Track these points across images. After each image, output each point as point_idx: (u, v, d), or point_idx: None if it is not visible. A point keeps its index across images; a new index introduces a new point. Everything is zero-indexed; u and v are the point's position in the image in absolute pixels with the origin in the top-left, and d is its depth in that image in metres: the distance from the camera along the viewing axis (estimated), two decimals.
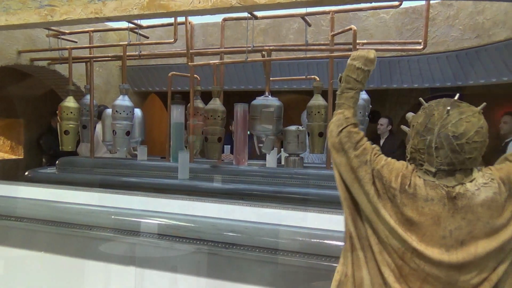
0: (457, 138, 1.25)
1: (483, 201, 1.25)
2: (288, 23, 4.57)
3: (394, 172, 1.35)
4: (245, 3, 1.76)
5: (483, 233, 1.26)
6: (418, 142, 1.33)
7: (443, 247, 1.27)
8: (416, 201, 1.29)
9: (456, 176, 1.28)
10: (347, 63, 1.56)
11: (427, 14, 3.17)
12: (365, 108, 3.10)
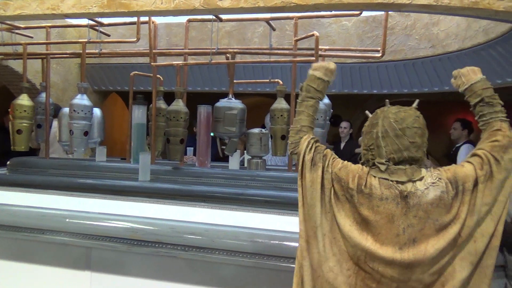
0: (398, 123, 1.40)
1: (432, 200, 1.34)
2: (253, 26, 4.61)
3: (350, 174, 1.43)
4: (208, 6, 1.76)
5: (433, 230, 1.35)
6: (367, 140, 1.46)
7: (396, 245, 1.34)
8: (371, 201, 1.37)
9: (406, 171, 1.38)
10: (309, 73, 1.63)
11: (385, 23, 3.30)
12: (326, 113, 3.17)
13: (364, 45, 4.39)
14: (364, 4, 1.78)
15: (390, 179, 1.39)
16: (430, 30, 4.26)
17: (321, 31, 4.50)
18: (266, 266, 1.84)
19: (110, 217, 2.13)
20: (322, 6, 1.79)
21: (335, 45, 4.36)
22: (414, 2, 1.77)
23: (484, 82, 1.58)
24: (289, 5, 1.77)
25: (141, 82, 4.92)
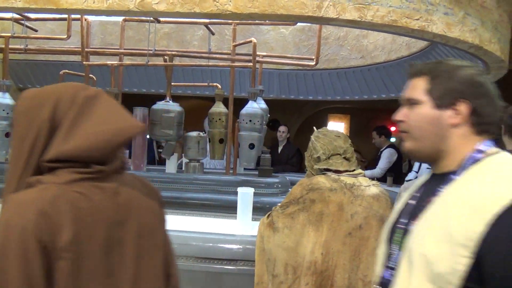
0: (324, 129, 1.75)
1: (373, 194, 1.59)
2: (193, 29, 4.59)
3: (298, 188, 1.62)
4: (143, 8, 1.74)
5: (375, 221, 1.55)
6: (307, 153, 1.73)
7: (347, 230, 1.53)
8: (323, 193, 1.55)
9: (342, 163, 1.64)
10: None
11: (319, 34, 3.48)
12: (263, 117, 3.26)
13: (300, 53, 4.56)
14: (296, 16, 1.88)
15: (330, 168, 1.62)
16: (360, 42, 4.55)
17: (259, 37, 4.60)
18: (201, 269, 1.86)
19: None
20: (257, 16, 1.85)
21: (273, 51, 4.48)
22: (341, 17, 1.90)
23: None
24: (225, 13, 1.81)
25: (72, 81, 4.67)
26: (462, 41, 2.25)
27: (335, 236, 1.51)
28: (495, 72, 3.08)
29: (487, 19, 2.41)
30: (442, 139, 0.89)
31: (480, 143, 0.88)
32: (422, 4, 2.06)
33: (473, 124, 0.88)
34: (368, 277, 1.51)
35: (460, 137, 0.89)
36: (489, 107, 0.89)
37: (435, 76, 0.91)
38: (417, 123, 0.92)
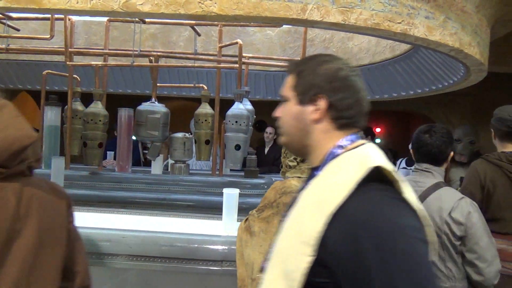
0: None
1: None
2: (179, 30, 4.57)
3: (272, 191, 1.61)
4: (127, 9, 1.73)
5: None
6: (283, 149, 1.68)
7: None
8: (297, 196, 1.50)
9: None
10: None
11: (304, 36, 3.51)
12: (249, 118, 3.27)
13: (286, 55, 4.59)
14: (281, 18, 1.89)
15: (302, 176, 1.58)
16: (345, 44, 4.60)
17: (246, 39, 4.61)
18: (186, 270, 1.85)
19: None
20: (242, 18, 1.86)
21: (259, 53, 4.50)
22: (325, 20, 1.92)
23: None
24: (209, 14, 1.81)
25: (56, 81, 4.60)
26: (443, 44, 2.30)
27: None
28: (475, 75, 3.15)
29: (467, 24, 2.47)
30: (307, 135, 0.91)
31: (343, 138, 0.88)
32: (404, 8, 2.10)
33: (333, 119, 0.89)
34: None
35: (322, 132, 0.89)
36: (349, 101, 0.88)
37: (299, 72, 0.93)
38: (285, 119, 0.95)
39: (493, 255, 1.78)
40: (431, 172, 1.91)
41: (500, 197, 2.11)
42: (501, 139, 2.24)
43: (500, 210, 2.11)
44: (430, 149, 1.89)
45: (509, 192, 2.10)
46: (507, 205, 2.11)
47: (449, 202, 1.80)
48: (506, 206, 2.11)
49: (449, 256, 1.79)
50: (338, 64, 0.91)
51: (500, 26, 3.52)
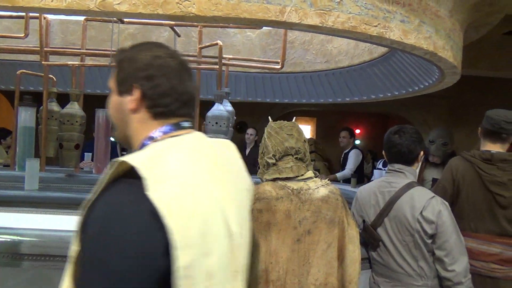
0: (277, 125, 1.69)
1: (322, 197, 1.58)
2: (159, 30, 4.54)
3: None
4: (104, 8, 1.71)
5: (324, 224, 1.56)
6: (260, 149, 1.71)
7: (295, 237, 1.53)
8: (269, 202, 1.53)
9: (292, 168, 1.61)
10: None
11: (284, 38, 3.54)
12: (229, 120, 3.27)
13: (267, 56, 4.63)
14: (260, 20, 1.91)
15: (280, 176, 1.59)
16: (325, 47, 4.66)
17: (226, 40, 4.62)
18: None
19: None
20: (220, 19, 1.87)
21: (239, 54, 4.51)
22: (303, 23, 1.95)
23: None
24: (188, 15, 1.81)
25: (31, 81, 4.49)
26: (417, 47, 2.36)
27: (284, 244, 1.52)
28: (449, 78, 3.25)
29: (440, 28, 2.54)
30: (127, 125, 0.89)
31: (158, 128, 0.87)
32: (380, 11, 2.15)
33: (148, 108, 0.86)
34: (319, 280, 1.54)
35: (139, 122, 0.87)
36: (163, 89, 0.86)
37: (119, 62, 0.91)
38: (110, 111, 0.93)
39: (461, 252, 1.83)
40: (404, 172, 1.95)
41: (469, 193, 2.17)
42: (484, 137, 2.30)
43: (467, 206, 2.17)
44: (400, 149, 1.93)
45: (477, 188, 2.16)
46: (474, 201, 2.16)
47: (420, 201, 1.84)
48: (473, 203, 2.16)
49: (421, 255, 1.84)
50: (156, 52, 0.88)
51: (472, 31, 3.64)
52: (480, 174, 2.16)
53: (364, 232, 1.98)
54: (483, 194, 2.15)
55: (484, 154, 2.20)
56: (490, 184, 2.13)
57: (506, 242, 2.13)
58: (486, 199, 2.15)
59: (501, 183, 2.13)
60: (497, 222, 2.13)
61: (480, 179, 2.16)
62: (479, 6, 3.04)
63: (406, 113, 7.77)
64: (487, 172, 2.15)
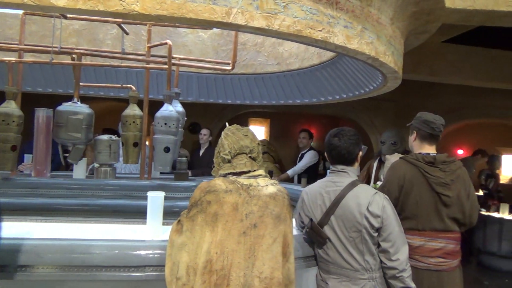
0: (234, 127, 1.80)
1: (270, 194, 1.66)
2: (106, 27, 4.38)
3: (197, 190, 1.64)
4: (40, 2, 1.62)
5: (270, 219, 1.62)
6: (216, 149, 1.79)
7: (241, 229, 1.57)
8: (218, 194, 1.58)
9: (246, 164, 1.70)
10: None
11: (235, 40, 3.55)
12: (179, 120, 3.23)
13: (219, 57, 4.61)
14: (206, 21, 1.90)
15: (234, 171, 1.67)
16: (276, 49, 4.73)
17: (177, 40, 4.55)
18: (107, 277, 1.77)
19: None
20: (166, 18, 1.84)
21: (191, 55, 4.46)
22: (249, 25, 1.96)
23: None
24: (131, 13, 1.76)
25: None
26: (360, 52, 2.46)
27: (229, 235, 1.56)
28: (392, 82, 3.41)
29: (382, 34, 2.66)
30: None
31: None
32: (325, 17, 2.21)
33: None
34: (264, 274, 1.58)
35: None
36: None
37: None
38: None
39: (403, 242, 1.95)
40: (347, 172, 2.04)
41: (417, 195, 2.30)
42: (422, 140, 2.43)
43: (417, 208, 2.29)
44: (340, 150, 2.03)
45: (425, 190, 2.29)
46: (423, 202, 2.29)
47: (365, 198, 1.94)
48: (422, 204, 2.29)
49: (367, 249, 1.93)
50: None
51: (413, 38, 3.85)
52: (426, 177, 2.29)
53: (311, 231, 2.03)
54: (430, 195, 2.28)
55: (427, 157, 2.33)
56: (436, 186, 2.26)
57: (448, 237, 2.28)
58: (433, 200, 2.28)
59: (445, 183, 2.27)
60: (441, 220, 2.28)
61: (427, 181, 2.29)
62: (418, 15, 3.22)
63: (355, 115, 8.07)
64: (431, 174, 2.28)
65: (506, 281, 5.36)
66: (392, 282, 1.94)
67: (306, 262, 2.12)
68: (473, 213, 2.33)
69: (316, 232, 2.01)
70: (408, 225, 2.27)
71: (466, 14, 3.21)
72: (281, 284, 1.63)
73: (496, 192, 6.40)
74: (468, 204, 2.31)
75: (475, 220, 2.35)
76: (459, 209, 2.29)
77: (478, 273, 5.66)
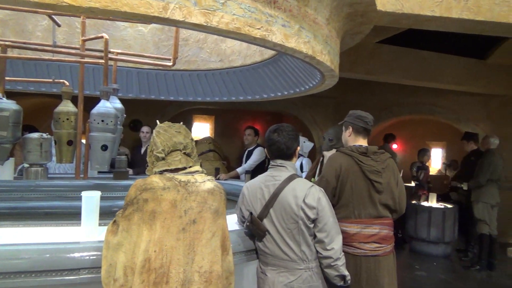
0: (166, 124, 1.76)
1: (208, 189, 1.67)
2: (36, 18, 4.09)
3: (132, 189, 1.60)
4: None
5: (209, 213, 1.64)
6: (149, 148, 1.75)
7: (180, 226, 1.57)
8: (155, 192, 1.56)
9: (181, 160, 1.69)
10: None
11: (176, 35, 3.49)
12: (117, 117, 3.12)
13: (160, 53, 4.50)
14: (141, 15, 1.85)
15: (169, 168, 1.66)
16: (219, 46, 4.72)
17: (116, 33, 4.38)
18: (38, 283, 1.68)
19: None
20: (98, 11, 1.77)
21: (131, 49, 4.31)
22: (187, 21, 1.95)
23: None
24: (60, 4, 1.67)
25: None
26: (298, 51, 2.54)
27: (168, 233, 1.55)
28: (329, 80, 3.56)
29: (318, 34, 2.77)
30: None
31: None
32: (263, 15, 2.26)
33: None
34: (203, 268, 1.60)
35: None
36: None
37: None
38: None
39: (337, 232, 2.05)
40: (285, 166, 2.11)
41: (353, 183, 2.43)
42: (357, 134, 2.58)
43: (352, 195, 2.43)
44: (279, 146, 2.10)
45: (359, 178, 2.44)
46: (357, 189, 2.43)
47: (302, 191, 2.02)
48: (356, 191, 2.43)
49: (303, 239, 2.01)
50: None
51: (349, 38, 4.04)
52: (360, 166, 2.43)
53: (251, 224, 2.08)
54: (364, 183, 2.43)
55: (360, 148, 2.49)
56: (370, 173, 2.42)
57: (381, 222, 2.44)
58: (366, 187, 2.43)
59: (377, 171, 2.43)
60: (375, 206, 2.43)
61: (361, 170, 2.43)
62: (353, 16, 3.39)
63: (297, 112, 8.30)
64: (365, 163, 2.43)
65: (434, 264, 5.84)
66: (327, 271, 2.03)
67: (247, 256, 2.16)
68: (402, 200, 2.52)
69: (256, 225, 2.06)
70: (345, 213, 2.40)
71: (396, 17, 3.43)
72: (220, 276, 1.65)
73: (426, 183, 6.91)
74: (397, 191, 2.50)
75: (404, 207, 2.54)
76: (390, 196, 2.46)
77: (410, 259, 6.10)
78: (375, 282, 2.38)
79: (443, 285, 4.97)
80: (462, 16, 3.40)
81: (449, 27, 3.71)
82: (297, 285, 1.98)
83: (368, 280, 2.37)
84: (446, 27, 3.70)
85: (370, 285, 2.37)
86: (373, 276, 2.38)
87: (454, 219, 6.15)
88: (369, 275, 2.38)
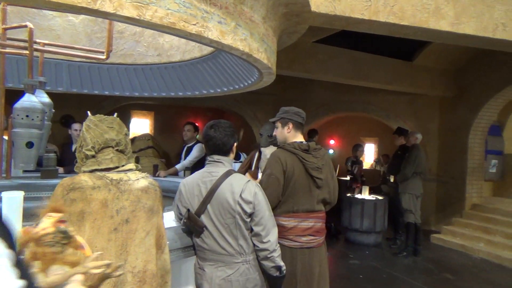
0: (97, 118, 1.67)
1: (142, 187, 1.62)
2: None
3: (56, 190, 1.52)
4: None
5: (143, 212, 1.60)
6: (78, 143, 1.66)
7: (112, 226, 1.51)
8: (84, 192, 1.48)
9: (112, 159, 1.60)
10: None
11: (109, 27, 3.35)
12: (44, 112, 2.92)
13: (93, 45, 4.27)
14: (68, 5, 1.76)
15: (99, 167, 1.57)
16: (156, 40, 4.59)
17: (43, 23, 4.09)
18: None
19: None
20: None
21: (59, 40, 4.04)
22: (118, 13, 1.88)
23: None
24: None
25: None
26: (234, 48, 2.57)
27: (99, 234, 1.50)
28: (267, 77, 3.63)
29: (255, 32, 2.82)
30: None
31: None
32: (198, 11, 2.25)
33: None
34: (137, 268, 1.57)
35: None
36: None
37: None
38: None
39: (273, 225, 2.12)
40: (222, 162, 2.13)
41: (296, 180, 2.51)
42: (296, 129, 2.66)
43: (294, 191, 2.51)
44: (215, 141, 2.12)
45: (302, 175, 2.52)
46: (299, 186, 2.52)
47: (239, 186, 2.05)
48: (298, 187, 2.52)
49: (241, 233, 2.04)
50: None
51: (286, 37, 4.15)
52: (303, 163, 2.52)
53: (188, 221, 2.07)
54: (306, 179, 2.52)
55: (302, 145, 2.57)
56: (311, 170, 2.51)
57: (316, 216, 2.55)
58: (308, 183, 2.52)
59: (318, 168, 2.54)
60: (313, 201, 2.53)
61: (304, 167, 2.52)
62: (288, 16, 3.49)
63: (239, 108, 8.37)
64: (307, 160, 2.52)
65: (366, 252, 6.22)
66: (264, 262, 2.09)
67: (184, 253, 2.15)
68: (335, 192, 2.67)
69: (193, 221, 2.06)
70: (285, 208, 2.48)
71: (329, 18, 3.59)
72: (155, 275, 1.63)
73: (360, 177, 7.32)
74: (332, 184, 2.63)
75: (336, 199, 2.69)
76: (327, 190, 2.59)
77: (345, 248, 6.45)
78: (309, 272, 2.50)
79: (374, 271, 5.32)
80: (389, 20, 3.64)
81: (377, 30, 3.96)
82: (234, 278, 2.01)
83: (303, 270, 2.48)
84: (375, 29, 3.94)
85: (304, 275, 2.48)
86: (308, 266, 2.50)
87: (384, 210, 6.59)
88: (304, 266, 2.48)
